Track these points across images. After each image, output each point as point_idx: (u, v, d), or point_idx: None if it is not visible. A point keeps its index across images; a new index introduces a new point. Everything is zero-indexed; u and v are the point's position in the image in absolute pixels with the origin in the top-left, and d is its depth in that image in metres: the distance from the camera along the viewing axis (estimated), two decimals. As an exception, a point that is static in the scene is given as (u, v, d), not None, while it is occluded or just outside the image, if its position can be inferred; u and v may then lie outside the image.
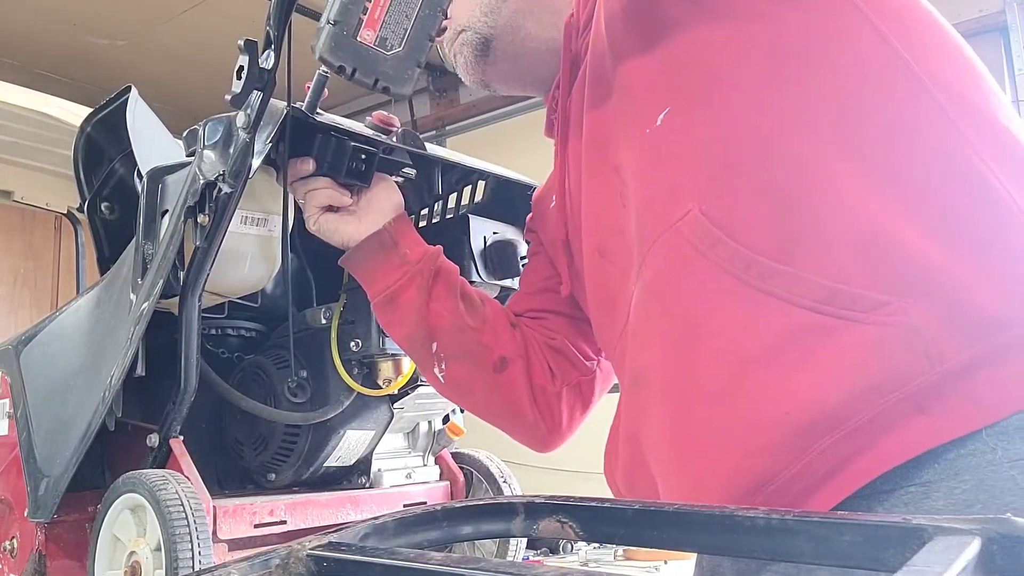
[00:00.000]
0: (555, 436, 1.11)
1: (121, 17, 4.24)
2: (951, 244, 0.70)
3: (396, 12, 0.76)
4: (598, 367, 1.11)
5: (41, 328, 1.43)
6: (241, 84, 0.99)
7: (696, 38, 0.81)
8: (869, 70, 0.76)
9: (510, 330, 1.10)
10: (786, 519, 0.50)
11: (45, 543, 1.28)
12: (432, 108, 5.02)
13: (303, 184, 1.13)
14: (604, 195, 0.92)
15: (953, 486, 0.67)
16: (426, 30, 0.78)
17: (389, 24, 0.76)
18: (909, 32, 0.77)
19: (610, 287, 0.92)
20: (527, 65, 1.06)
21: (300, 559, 0.51)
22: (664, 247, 0.80)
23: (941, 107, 0.74)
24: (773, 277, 0.73)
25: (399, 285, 1.09)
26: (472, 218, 1.38)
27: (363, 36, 0.75)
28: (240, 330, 1.53)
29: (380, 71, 0.77)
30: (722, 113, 0.79)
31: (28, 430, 1.32)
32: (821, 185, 0.74)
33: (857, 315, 0.69)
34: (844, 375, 0.69)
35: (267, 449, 1.37)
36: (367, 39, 0.75)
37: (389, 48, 0.76)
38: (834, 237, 0.72)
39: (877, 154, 0.74)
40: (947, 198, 0.72)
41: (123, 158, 1.43)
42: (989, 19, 3.24)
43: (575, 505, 0.59)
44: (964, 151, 0.73)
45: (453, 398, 1.19)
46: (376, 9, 0.75)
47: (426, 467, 1.55)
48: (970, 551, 0.41)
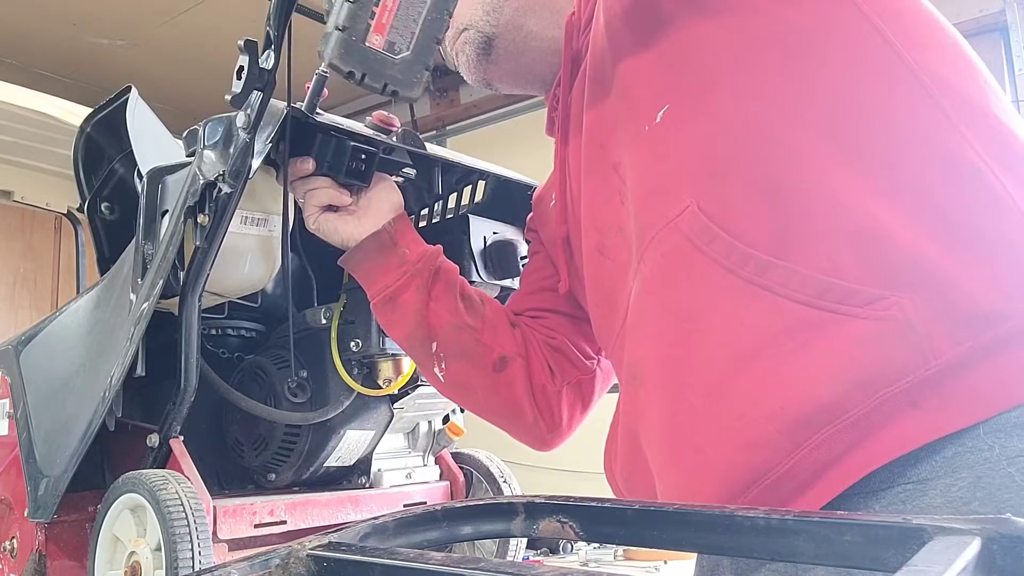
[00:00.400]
0: (555, 435, 1.11)
1: (121, 17, 4.24)
2: (946, 238, 0.71)
3: (403, 16, 0.76)
4: (598, 366, 1.11)
5: (41, 328, 1.43)
6: (241, 84, 0.99)
7: (695, 35, 0.82)
8: (866, 66, 0.77)
9: (510, 329, 1.10)
10: (786, 519, 0.50)
11: (45, 543, 1.28)
12: (432, 108, 5.02)
13: (303, 183, 1.13)
14: (603, 192, 0.92)
15: (950, 483, 0.67)
16: (433, 33, 0.78)
17: (397, 28, 0.76)
18: (906, 28, 0.78)
19: (609, 284, 0.93)
20: (529, 64, 1.07)
21: (300, 559, 0.51)
22: (661, 243, 0.81)
23: (937, 102, 0.74)
24: (769, 272, 0.73)
25: (398, 285, 1.09)
26: (472, 218, 1.38)
27: (371, 41, 0.76)
28: (240, 330, 1.53)
29: (389, 75, 0.77)
30: (720, 110, 0.80)
31: (28, 430, 1.32)
32: (817, 180, 0.74)
33: (852, 309, 0.70)
34: (838, 370, 0.69)
35: (267, 449, 1.37)
36: (375, 44, 0.76)
37: (397, 52, 0.77)
38: (829, 232, 0.73)
39: (873, 149, 0.75)
40: (942, 193, 0.73)
41: (123, 158, 1.43)
42: (989, 19, 3.24)
43: (575, 505, 0.59)
44: (960, 146, 0.73)
45: (453, 397, 1.19)
46: (384, 14, 0.75)
47: (426, 467, 1.55)
48: (970, 551, 0.41)
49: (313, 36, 0.78)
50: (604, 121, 0.91)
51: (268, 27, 0.97)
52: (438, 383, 1.12)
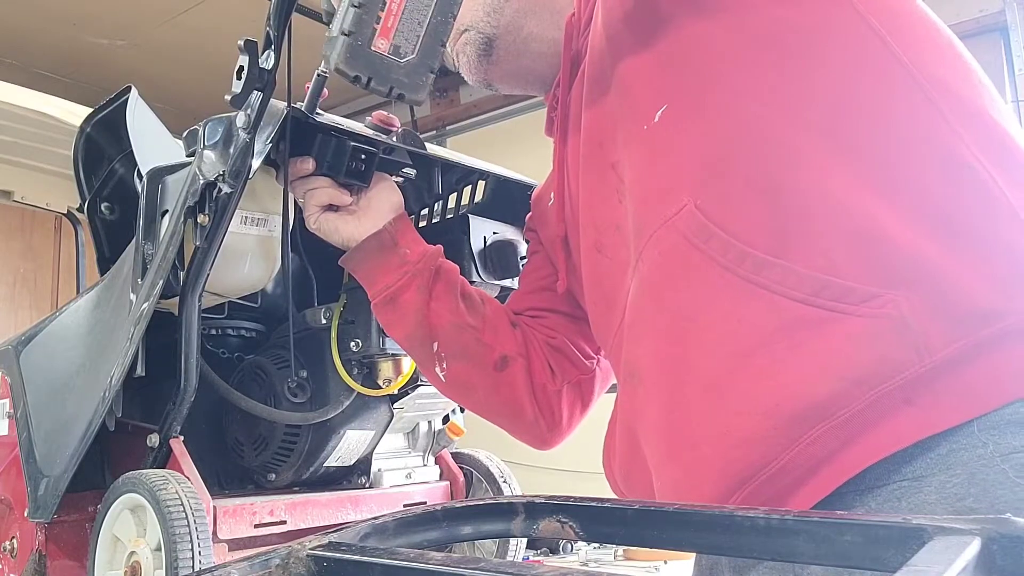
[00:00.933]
0: (555, 434, 1.11)
1: (121, 17, 4.24)
2: (944, 237, 0.71)
3: (409, 20, 0.77)
4: (598, 366, 1.12)
5: (41, 328, 1.43)
6: (241, 84, 0.99)
7: (694, 35, 0.82)
8: (864, 66, 0.77)
9: (511, 329, 1.10)
10: (786, 519, 0.50)
11: (45, 543, 1.28)
12: (432, 108, 5.02)
13: (303, 183, 1.13)
14: (601, 191, 0.92)
15: (944, 480, 0.68)
16: (439, 36, 0.79)
17: (402, 32, 0.77)
18: (902, 29, 0.78)
19: (607, 283, 0.93)
20: (529, 64, 1.07)
21: (300, 559, 0.51)
22: (659, 241, 0.81)
23: (934, 103, 0.75)
24: (766, 270, 0.73)
25: (399, 285, 1.09)
26: (472, 218, 1.38)
27: (377, 46, 0.76)
28: (240, 330, 1.53)
29: (395, 79, 0.78)
30: (719, 110, 0.80)
31: (28, 430, 1.32)
32: (815, 180, 0.75)
33: (847, 307, 0.70)
34: (833, 367, 0.70)
35: (267, 449, 1.37)
36: (381, 48, 0.76)
37: (403, 56, 0.78)
38: (827, 231, 0.73)
39: (872, 149, 0.75)
40: (940, 192, 0.73)
41: (123, 158, 1.43)
42: (989, 19, 3.24)
43: (575, 505, 0.59)
44: (957, 146, 0.74)
45: (454, 397, 1.19)
46: (389, 18, 0.76)
47: (426, 467, 1.55)
48: (970, 551, 0.41)
49: (313, 36, 0.78)
50: (603, 120, 0.91)
51: (268, 27, 0.97)
52: (439, 383, 1.12)
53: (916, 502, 0.68)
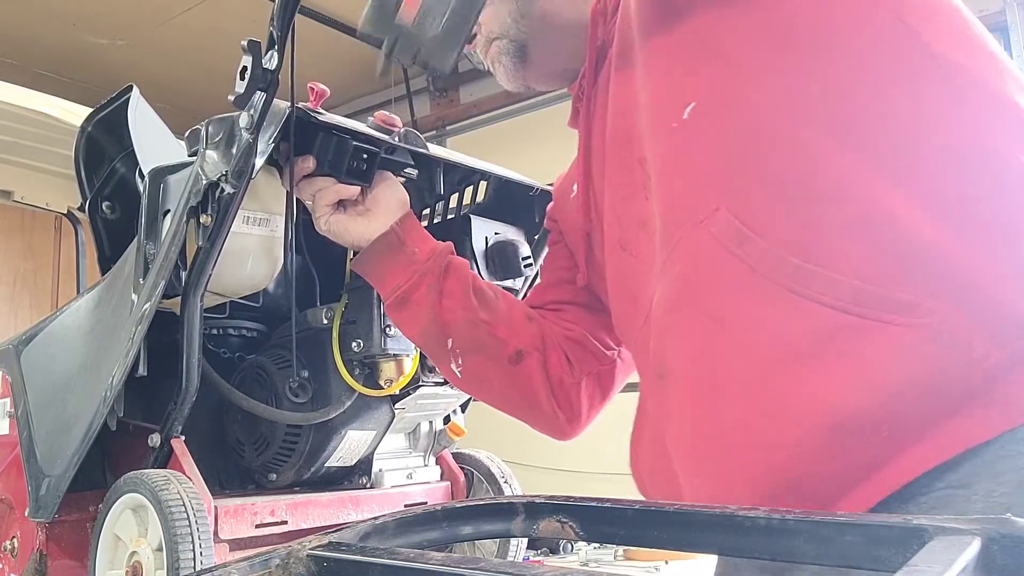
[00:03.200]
0: (574, 425, 1.11)
1: (121, 17, 4.24)
2: (981, 245, 0.70)
3: None
4: (618, 356, 1.11)
5: (41, 328, 1.43)
6: (244, 84, 1.00)
7: (724, 31, 0.81)
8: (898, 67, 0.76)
9: (526, 323, 1.10)
10: (786, 519, 0.50)
11: (46, 543, 1.28)
12: (432, 108, 5.02)
13: (308, 185, 1.13)
14: (628, 187, 0.91)
15: (992, 488, 0.67)
16: (466, 13, 0.81)
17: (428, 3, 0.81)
18: (928, 17, 0.77)
19: (631, 280, 0.92)
20: (563, 60, 1.06)
21: (300, 559, 0.51)
22: (691, 244, 0.80)
23: (964, 96, 0.74)
24: (802, 276, 0.72)
25: (409, 285, 1.09)
26: (474, 218, 1.38)
27: (403, 15, 0.80)
28: (242, 330, 1.53)
29: (419, 46, 0.81)
30: (747, 110, 0.79)
31: (29, 430, 1.32)
32: (846, 183, 0.74)
33: (888, 316, 0.69)
34: (877, 377, 0.69)
35: (268, 449, 1.37)
36: (406, 18, 0.80)
37: (428, 28, 0.81)
38: (862, 237, 0.72)
39: (908, 155, 0.74)
40: (974, 195, 0.72)
41: (124, 158, 1.43)
42: (989, 19, 3.24)
43: (575, 505, 0.59)
44: (991, 142, 0.73)
45: (471, 391, 1.19)
46: None
47: (427, 467, 1.55)
48: (970, 551, 0.41)
49: (314, 37, 0.79)
50: (630, 115, 0.90)
51: (272, 27, 0.97)
52: (455, 378, 1.12)
53: (962, 511, 0.67)
